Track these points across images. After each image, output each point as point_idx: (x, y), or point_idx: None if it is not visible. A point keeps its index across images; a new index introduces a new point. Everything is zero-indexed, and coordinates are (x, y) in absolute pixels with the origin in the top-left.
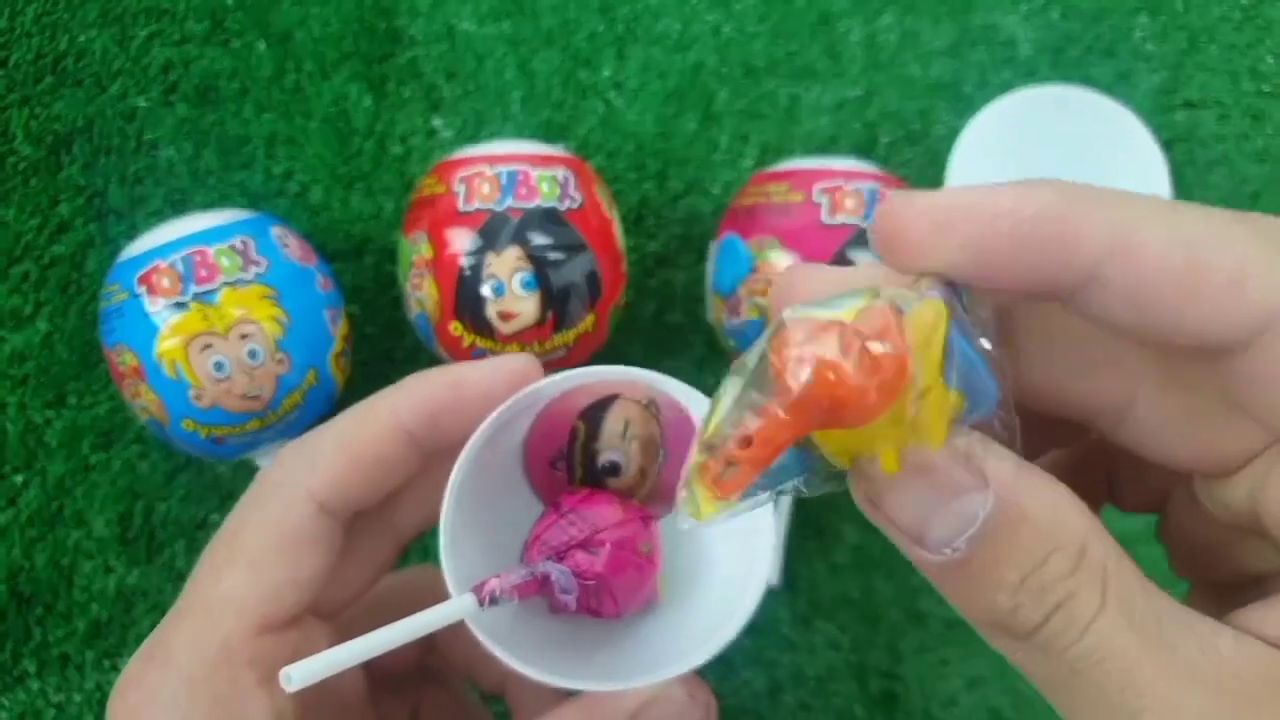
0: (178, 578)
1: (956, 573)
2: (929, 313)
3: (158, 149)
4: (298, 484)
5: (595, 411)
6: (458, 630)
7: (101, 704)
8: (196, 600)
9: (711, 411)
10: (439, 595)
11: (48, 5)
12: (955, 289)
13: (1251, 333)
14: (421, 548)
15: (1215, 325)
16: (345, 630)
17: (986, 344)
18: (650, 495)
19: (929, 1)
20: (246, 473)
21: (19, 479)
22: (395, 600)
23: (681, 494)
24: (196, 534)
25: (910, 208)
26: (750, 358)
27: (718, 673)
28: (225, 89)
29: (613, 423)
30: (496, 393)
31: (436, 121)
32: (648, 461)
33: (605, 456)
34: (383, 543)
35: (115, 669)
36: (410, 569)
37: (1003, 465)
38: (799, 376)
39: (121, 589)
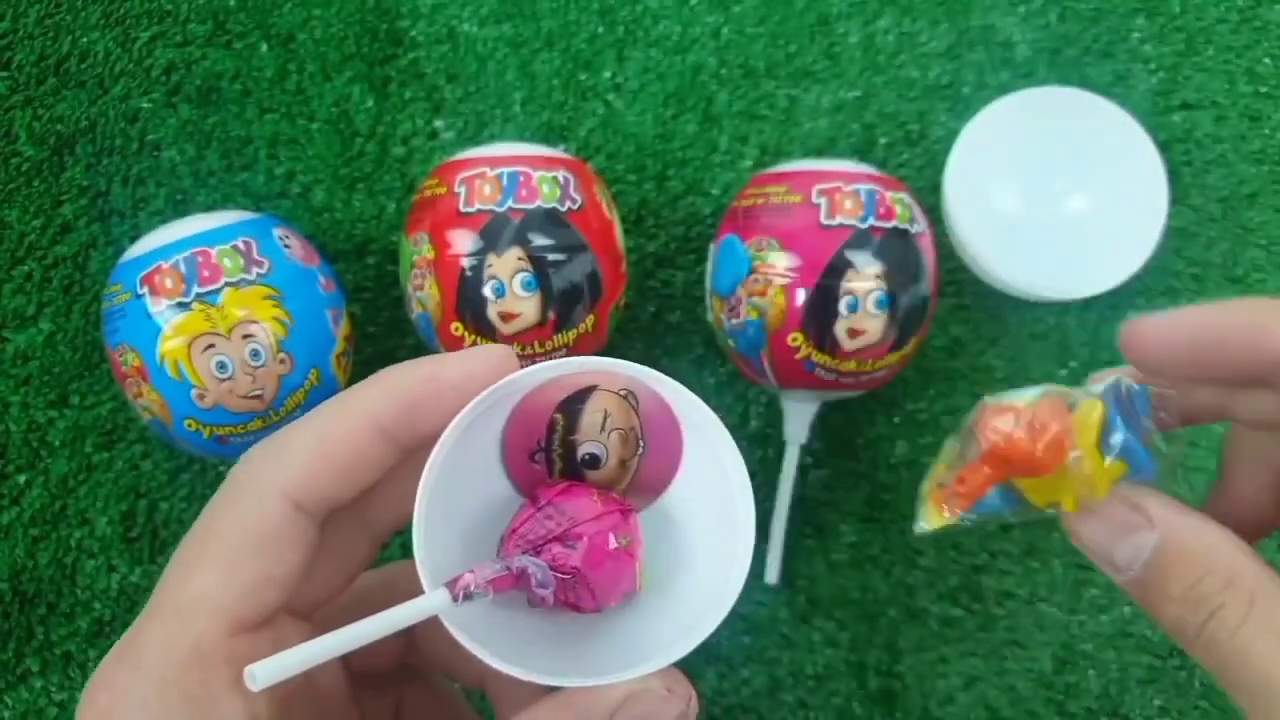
0: None
1: (1138, 589)
2: (1088, 405)
3: (160, 150)
4: (269, 482)
5: (573, 403)
6: (436, 626)
7: None
8: (167, 600)
9: (939, 458)
10: (417, 591)
11: (50, 7)
12: (1129, 391)
13: None
14: (403, 544)
15: None
16: (322, 629)
17: (1150, 426)
18: (631, 487)
19: (927, 3)
20: None
21: (22, 478)
22: (372, 597)
23: (919, 509)
24: None
25: (1148, 327)
26: (965, 425)
27: (717, 671)
28: (228, 90)
29: (591, 414)
30: (473, 384)
31: (438, 123)
32: (627, 453)
33: (584, 449)
34: (359, 539)
35: None
36: (388, 566)
37: (1167, 511)
38: (988, 439)
39: (124, 588)
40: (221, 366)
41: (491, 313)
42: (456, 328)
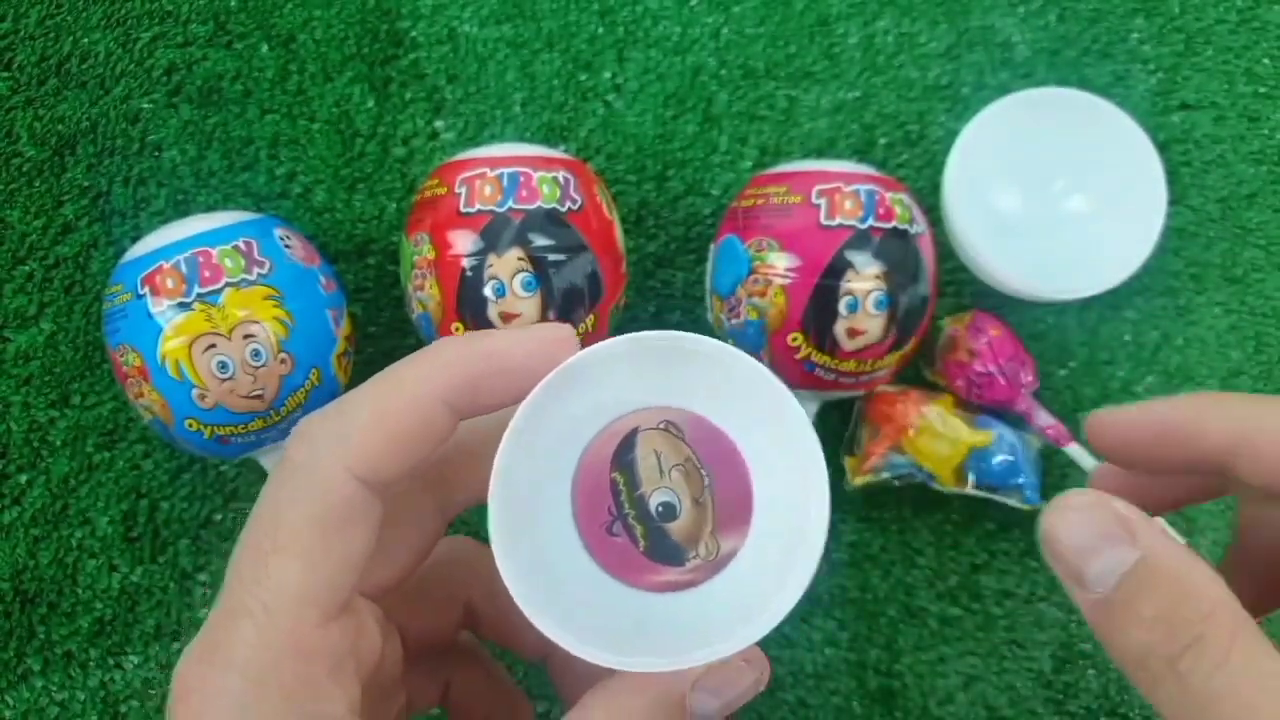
0: (182, 576)
1: (1105, 608)
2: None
3: (161, 150)
4: (335, 461)
5: (624, 455)
6: (498, 598)
7: (105, 702)
8: (250, 596)
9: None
10: (478, 568)
11: (52, 8)
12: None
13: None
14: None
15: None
16: (390, 609)
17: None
18: (717, 528)
19: (926, 4)
20: (250, 471)
21: (23, 478)
22: (436, 577)
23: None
24: (200, 532)
25: (1107, 421)
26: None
27: None
28: (229, 91)
29: (645, 459)
30: (536, 364)
31: (438, 124)
32: (696, 489)
33: (655, 500)
34: (426, 514)
35: (119, 667)
36: (445, 542)
37: (1153, 533)
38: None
39: (125, 587)
40: (222, 366)
41: (492, 313)
42: (457, 328)
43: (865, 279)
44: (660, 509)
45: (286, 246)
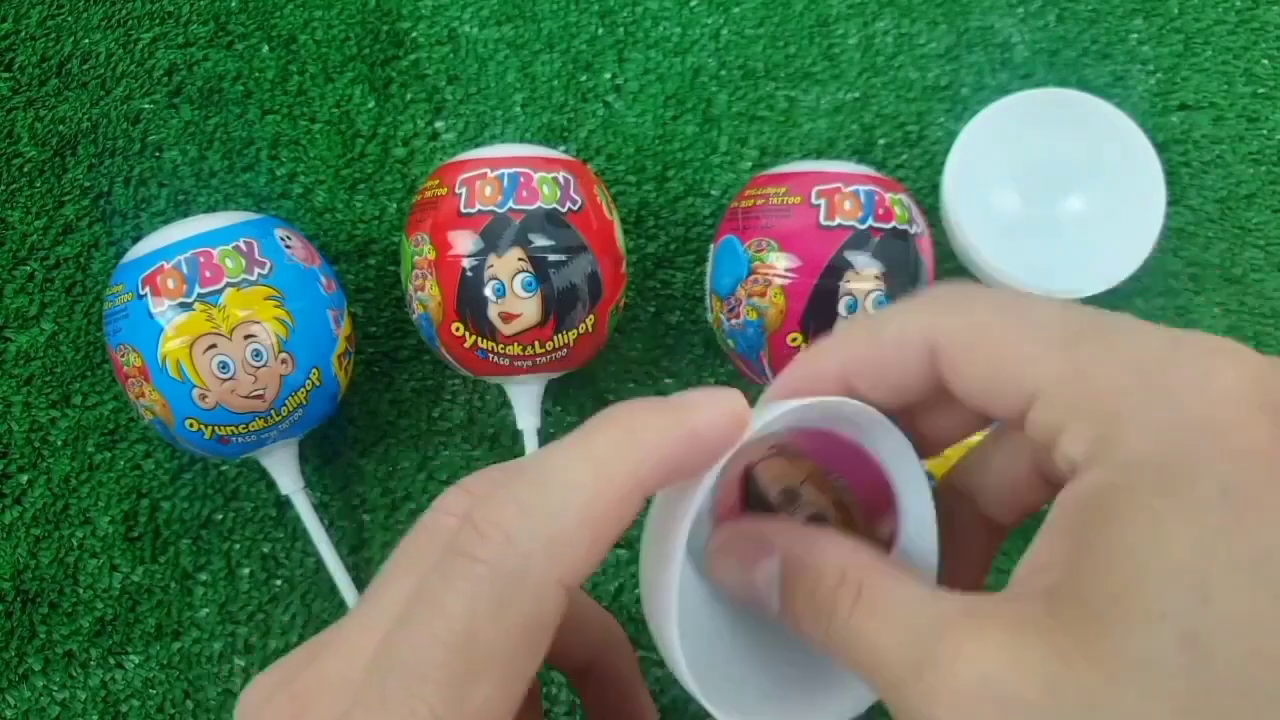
0: (182, 575)
1: (788, 618)
2: None
3: (162, 151)
4: (547, 573)
5: (751, 495)
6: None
7: (106, 701)
8: (446, 716)
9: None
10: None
11: (52, 8)
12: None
13: (926, 363)
14: None
15: (903, 376)
16: None
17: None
18: (867, 516)
19: (925, 5)
20: (251, 471)
21: (24, 478)
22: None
23: None
24: (201, 532)
25: (801, 369)
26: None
27: None
28: (229, 91)
29: (771, 488)
30: (726, 441)
31: (439, 124)
32: (831, 493)
33: (775, 490)
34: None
35: (120, 666)
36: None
37: (787, 532)
38: None
39: (126, 587)
40: (223, 366)
41: (492, 313)
42: (457, 328)
43: (865, 279)
44: (783, 495)
45: (287, 247)
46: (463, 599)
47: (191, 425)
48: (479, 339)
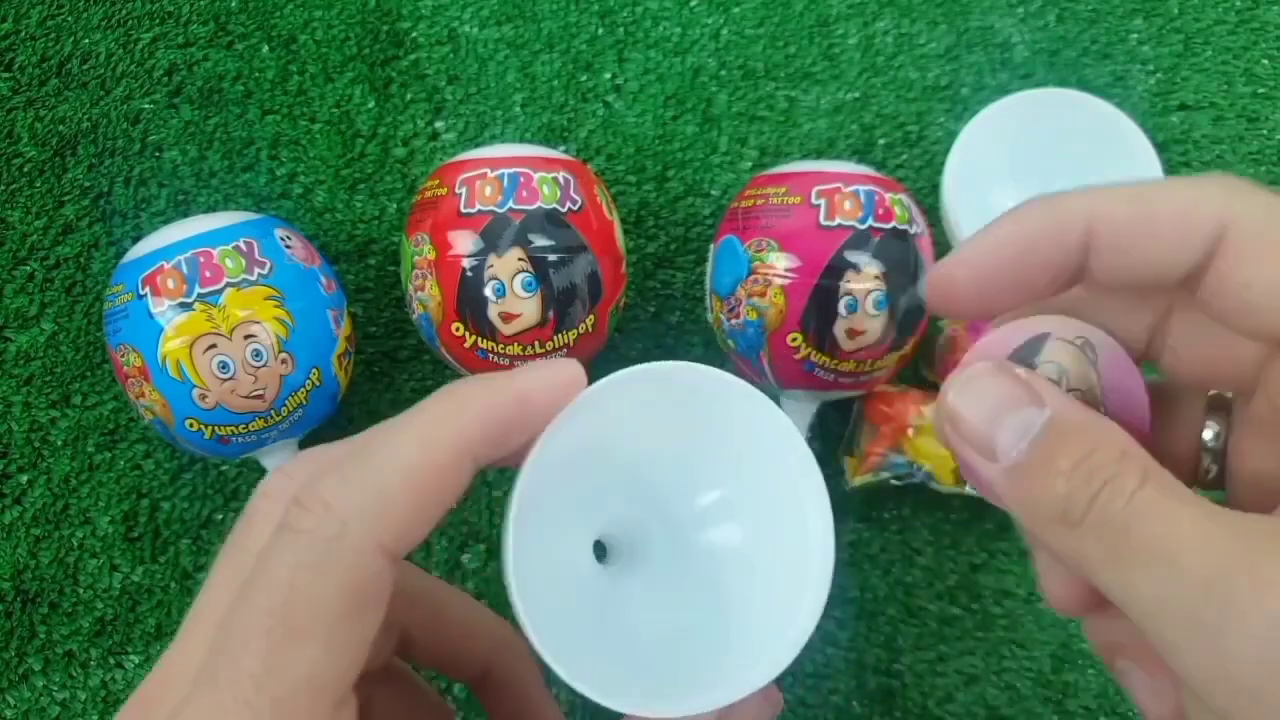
0: (183, 575)
1: (1019, 475)
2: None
3: (162, 151)
4: (367, 536)
5: (1028, 353)
6: (443, 626)
7: (106, 701)
8: (254, 691)
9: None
10: (418, 595)
11: (53, 8)
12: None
13: (1205, 250)
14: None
15: (1174, 251)
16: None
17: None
18: None
19: (925, 5)
20: (251, 471)
21: (24, 478)
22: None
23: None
24: (201, 532)
25: (954, 270)
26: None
27: None
28: (229, 91)
29: (1044, 365)
30: (558, 403)
31: (439, 124)
32: (1095, 403)
33: (1051, 366)
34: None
35: (120, 666)
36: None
37: (1056, 393)
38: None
39: (126, 587)
40: (223, 366)
41: (492, 313)
42: (457, 328)
43: (865, 279)
44: None
45: (287, 247)
46: (284, 568)
47: (191, 425)
48: (479, 339)
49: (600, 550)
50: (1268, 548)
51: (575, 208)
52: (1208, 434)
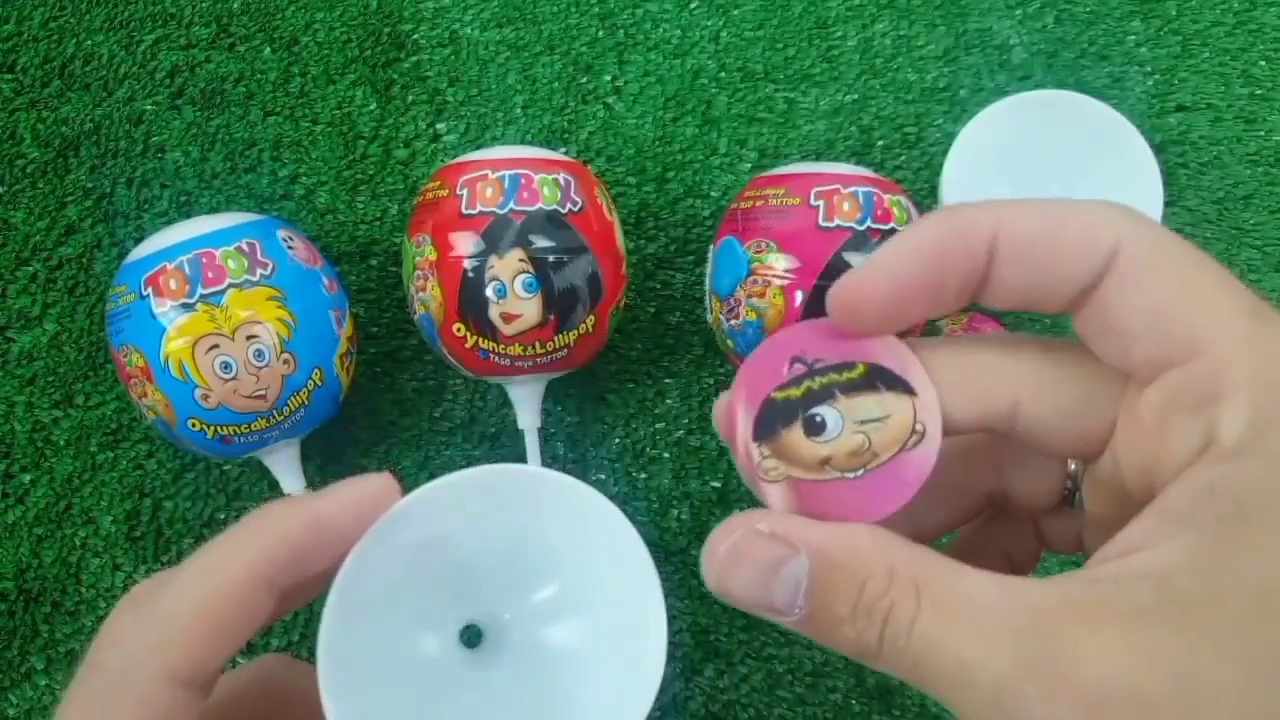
0: None
1: (811, 624)
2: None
3: (165, 152)
4: (149, 663)
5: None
6: (313, 713)
7: None
8: None
9: None
10: (293, 693)
11: (55, 10)
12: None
13: (1100, 270)
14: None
15: (1074, 265)
16: None
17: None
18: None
19: (924, 7)
20: (253, 471)
21: (27, 477)
22: (248, 704)
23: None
24: (203, 531)
25: (865, 280)
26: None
27: (716, 667)
28: (231, 93)
29: (824, 415)
30: (359, 522)
31: (440, 126)
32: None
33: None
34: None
35: None
36: (256, 664)
37: (808, 531)
38: None
39: (128, 586)
40: (226, 367)
41: (493, 314)
42: (459, 329)
43: None
44: (818, 418)
45: (289, 248)
46: (78, 703)
47: (194, 425)
48: (480, 339)
49: (477, 634)
50: (1049, 637)
51: (576, 209)
52: (1071, 464)
